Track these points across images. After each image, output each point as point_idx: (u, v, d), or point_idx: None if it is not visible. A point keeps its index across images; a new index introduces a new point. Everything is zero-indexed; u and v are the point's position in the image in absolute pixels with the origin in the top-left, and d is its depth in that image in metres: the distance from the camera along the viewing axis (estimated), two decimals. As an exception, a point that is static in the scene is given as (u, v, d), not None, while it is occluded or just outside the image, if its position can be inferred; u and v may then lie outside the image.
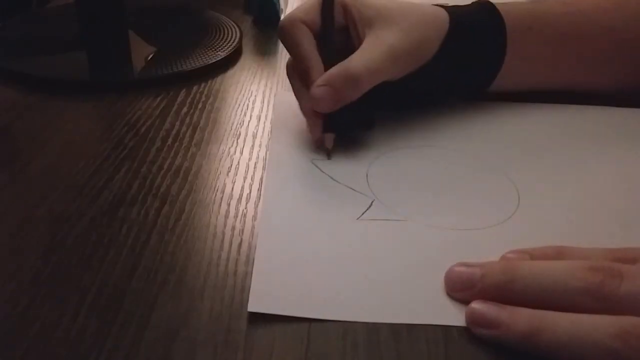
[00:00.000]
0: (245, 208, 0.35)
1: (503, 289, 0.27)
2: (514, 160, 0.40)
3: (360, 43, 0.40)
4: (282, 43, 0.41)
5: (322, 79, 0.38)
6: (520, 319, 0.25)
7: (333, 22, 0.40)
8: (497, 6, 0.44)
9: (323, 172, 0.38)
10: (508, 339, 0.25)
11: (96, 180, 0.37)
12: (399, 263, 0.31)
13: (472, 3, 0.44)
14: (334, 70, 0.38)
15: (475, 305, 0.27)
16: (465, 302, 0.28)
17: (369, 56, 0.38)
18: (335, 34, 0.41)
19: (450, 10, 0.42)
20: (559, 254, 0.29)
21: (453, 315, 0.27)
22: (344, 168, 0.38)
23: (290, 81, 0.43)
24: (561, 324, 0.24)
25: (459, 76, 0.44)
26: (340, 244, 0.32)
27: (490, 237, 0.33)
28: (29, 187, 0.36)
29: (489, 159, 0.40)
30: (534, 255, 0.29)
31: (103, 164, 0.39)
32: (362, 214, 0.34)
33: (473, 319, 0.27)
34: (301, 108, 0.41)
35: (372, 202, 0.35)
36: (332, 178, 0.37)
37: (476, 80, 0.45)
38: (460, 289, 0.28)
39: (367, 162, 0.39)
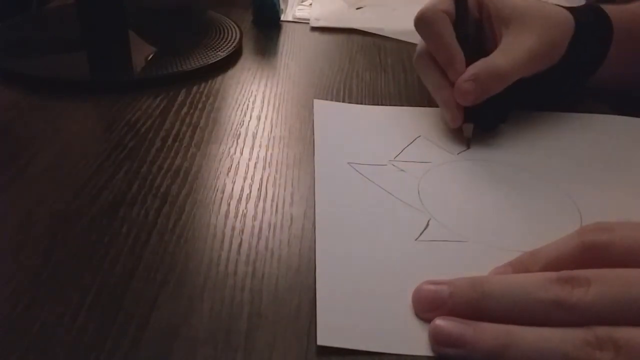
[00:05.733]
0: (245, 208, 0.35)
1: (473, 306, 0.26)
2: (574, 176, 0.39)
3: (494, 38, 0.43)
4: (421, 32, 0.44)
5: (469, 74, 0.40)
6: (485, 335, 0.25)
7: (468, 15, 0.44)
8: (605, 10, 0.46)
9: (375, 183, 0.37)
10: (474, 357, 0.25)
11: (96, 180, 0.37)
12: None
13: (583, 6, 0.46)
14: (481, 66, 0.40)
15: (439, 322, 0.26)
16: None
17: (512, 55, 0.41)
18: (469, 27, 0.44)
19: (574, 13, 0.44)
20: (532, 256, 0.28)
21: None
22: (395, 180, 0.38)
23: (421, 70, 0.45)
24: (528, 339, 0.24)
25: (572, 74, 0.46)
26: (403, 269, 0.30)
27: None
28: (29, 187, 0.36)
29: (546, 173, 0.39)
30: (513, 265, 0.29)
31: (103, 164, 0.39)
32: (420, 234, 0.33)
33: (437, 339, 0.26)
34: (437, 97, 0.43)
35: (429, 221, 0.34)
36: (385, 190, 0.36)
37: (579, 76, 0.48)
38: (430, 308, 0.27)
39: (417, 175, 0.38)
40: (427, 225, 0.34)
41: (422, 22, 0.43)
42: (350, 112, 0.46)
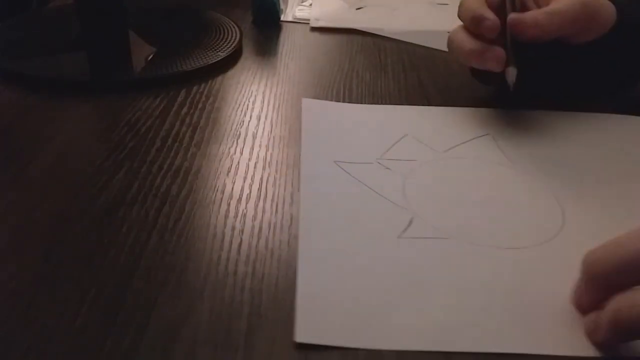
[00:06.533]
0: (245, 208, 0.35)
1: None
2: (561, 174, 0.39)
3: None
4: (459, 13, 0.45)
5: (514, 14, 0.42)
6: (605, 312, 0.25)
7: None
8: None
9: (360, 181, 0.37)
10: (605, 338, 0.26)
11: (96, 180, 0.37)
12: (447, 285, 0.29)
13: None
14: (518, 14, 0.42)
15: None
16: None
17: (563, 2, 0.42)
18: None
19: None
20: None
21: (514, 342, 0.27)
22: (380, 178, 0.38)
23: (452, 41, 0.45)
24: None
25: (621, 62, 0.47)
26: (384, 267, 0.30)
27: (537, 256, 0.32)
28: (29, 187, 0.36)
29: (531, 172, 0.39)
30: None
31: (103, 164, 0.39)
32: (403, 231, 0.33)
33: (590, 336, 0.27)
34: (470, 47, 0.43)
35: (412, 218, 0.34)
36: (370, 188, 0.36)
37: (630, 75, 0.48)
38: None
39: (403, 173, 0.38)
40: (411, 222, 0.34)
41: (460, 2, 0.45)
42: (338, 111, 0.46)
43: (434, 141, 0.42)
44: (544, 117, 0.46)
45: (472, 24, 0.43)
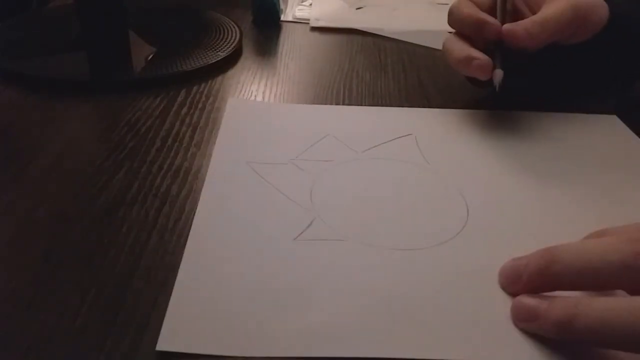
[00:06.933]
0: (245, 208, 0.35)
1: (544, 273, 0.27)
2: (475, 175, 0.38)
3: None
4: (451, 21, 0.45)
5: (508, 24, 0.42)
6: (555, 307, 0.25)
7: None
8: None
9: (269, 183, 0.36)
10: (546, 329, 0.25)
11: (96, 180, 0.37)
12: (335, 289, 0.29)
13: None
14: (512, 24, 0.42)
15: (520, 299, 0.27)
16: (515, 295, 0.28)
17: (543, 14, 0.42)
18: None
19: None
20: (601, 234, 0.29)
21: (400, 347, 0.26)
22: (291, 179, 0.37)
23: (447, 46, 0.45)
24: (595, 308, 0.24)
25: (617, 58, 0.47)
26: (273, 271, 0.29)
27: (431, 257, 0.31)
28: (29, 187, 0.36)
29: (442, 171, 0.38)
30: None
31: (103, 164, 0.39)
32: (300, 234, 0.32)
33: (516, 314, 0.27)
34: (465, 54, 0.43)
35: (313, 220, 0.33)
36: (277, 189, 0.36)
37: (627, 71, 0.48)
38: (512, 282, 0.29)
39: (315, 173, 0.38)
40: (310, 224, 0.33)
41: (450, 11, 0.45)
42: (264, 111, 0.46)
43: (355, 141, 0.41)
44: (465, 116, 0.45)
45: (474, 29, 0.43)
